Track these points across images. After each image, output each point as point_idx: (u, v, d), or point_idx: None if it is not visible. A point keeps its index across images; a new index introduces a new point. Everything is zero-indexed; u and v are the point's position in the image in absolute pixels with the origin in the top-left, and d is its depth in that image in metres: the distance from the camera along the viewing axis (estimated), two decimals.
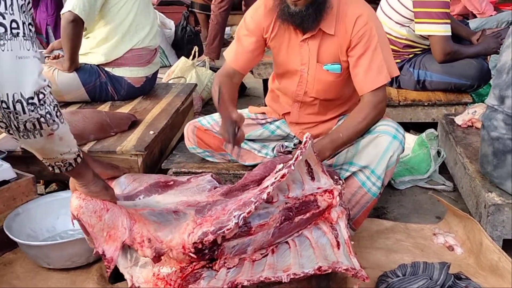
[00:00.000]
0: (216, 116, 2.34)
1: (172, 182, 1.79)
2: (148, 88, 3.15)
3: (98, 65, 2.95)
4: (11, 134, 1.30)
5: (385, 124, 1.98)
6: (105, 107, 2.93)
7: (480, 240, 1.99)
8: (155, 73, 3.19)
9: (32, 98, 1.19)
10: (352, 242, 1.67)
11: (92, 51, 2.97)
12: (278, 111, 2.27)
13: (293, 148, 2.21)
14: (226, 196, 1.71)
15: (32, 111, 1.19)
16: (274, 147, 2.24)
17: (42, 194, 2.41)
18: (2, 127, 1.29)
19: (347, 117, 2.02)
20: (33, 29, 1.24)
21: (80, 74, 2.90)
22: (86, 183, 1.52)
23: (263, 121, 2.31)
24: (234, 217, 1.49)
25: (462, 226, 2.16)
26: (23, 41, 1.19)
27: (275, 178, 1.56)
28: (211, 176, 1.88)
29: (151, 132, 2.55)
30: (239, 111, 2.39)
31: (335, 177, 1.77)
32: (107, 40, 2.92)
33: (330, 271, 1.51)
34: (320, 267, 1.51)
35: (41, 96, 1.21)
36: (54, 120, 1.25)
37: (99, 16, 2.87)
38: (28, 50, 1.20)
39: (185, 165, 2.39)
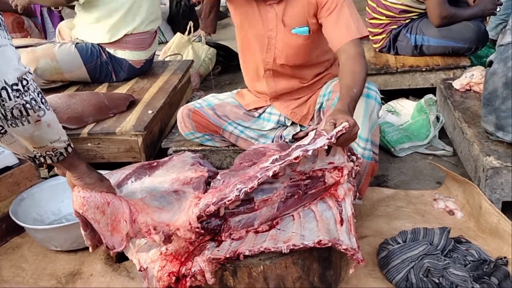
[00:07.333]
0: (210, 99, 2.29)
1: (155, 163, 1.80)
2: (147, 68, 3.16)
3: (99, 44, 2.93)
4: (0, 126, 1.32)
5: None
6: (102, 88, 2.93)
7: (479, 204, 2.01)
8: (154, 53, 3.20)
9: (17, 84, 1.20)
10: (355, 221, 1.66)
11: (91, 26, 2.94)
12: (261, 92, 2.24)
13: (291, 141, 2.18)
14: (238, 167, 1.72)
15: (18, 97, 1.21)
16: (273, 139, 2.22)
17: (46, 178, 2.43)
18: None
19: (347, 74, 1.83)
20: (3, 18, 1.25)
21: (81, 52, 2.90)
22: (80, 175, 1.52)
23: (256, 114, 2.28)
24: (237, 189, 1.51)
25: (461, 191, 2.18)
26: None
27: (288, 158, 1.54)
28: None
29: (150, 112, 2.56)
30: (228, 93, 2.36)
31: (348, 153, 1.71)
32: (106, 19, 2.89)
33: (329, 245, 1.53)
34: (320, 240, 1.52)
35: (24, 82, 1.23)
36: (40, 107, 1.26)
37: None
38: (5, 38, 1.21)
39: (185, 143, 2.40)
